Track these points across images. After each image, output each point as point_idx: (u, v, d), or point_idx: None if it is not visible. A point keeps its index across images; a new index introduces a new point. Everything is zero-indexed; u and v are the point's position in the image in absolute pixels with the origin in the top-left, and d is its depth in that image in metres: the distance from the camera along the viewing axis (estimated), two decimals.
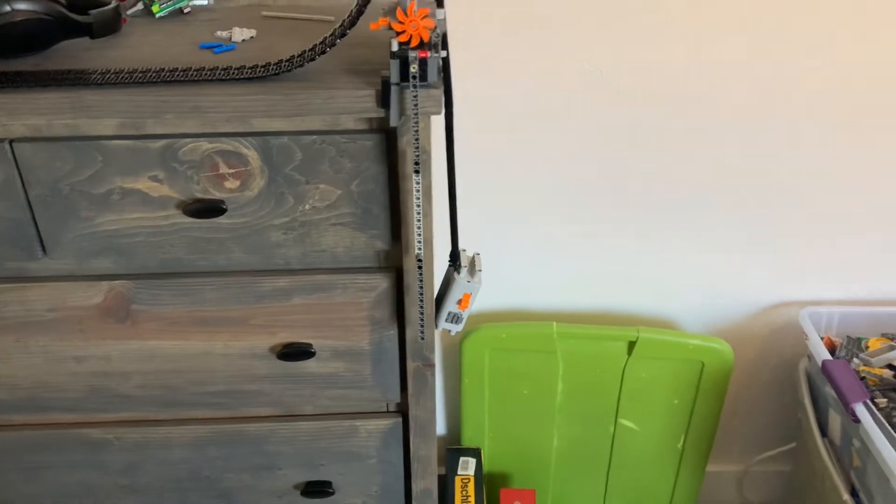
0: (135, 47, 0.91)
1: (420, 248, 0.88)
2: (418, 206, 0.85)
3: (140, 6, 1.02)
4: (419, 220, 0.86)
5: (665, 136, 1.32)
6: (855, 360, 1.35)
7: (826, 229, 1.41)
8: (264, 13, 1.01)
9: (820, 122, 1.31)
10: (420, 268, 0.89)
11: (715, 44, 1.25)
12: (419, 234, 0.87)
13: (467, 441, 1.52)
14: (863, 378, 1.30)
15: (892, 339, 1.39)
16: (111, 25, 0.93)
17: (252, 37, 0.93)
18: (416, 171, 0.83)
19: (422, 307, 0.92)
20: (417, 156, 0.82)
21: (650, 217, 1.40)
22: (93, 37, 0.91)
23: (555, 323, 1.41)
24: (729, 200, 1.38)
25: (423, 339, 0.94)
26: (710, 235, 1.42)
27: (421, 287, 0.90)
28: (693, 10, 1.22)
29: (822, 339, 1.38)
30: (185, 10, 1.02)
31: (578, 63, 1.25)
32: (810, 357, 1.40)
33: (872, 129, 1.32)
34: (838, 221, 1.40)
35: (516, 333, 1.42)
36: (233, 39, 0.92)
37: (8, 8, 0.82)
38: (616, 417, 1.49)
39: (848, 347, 1.38)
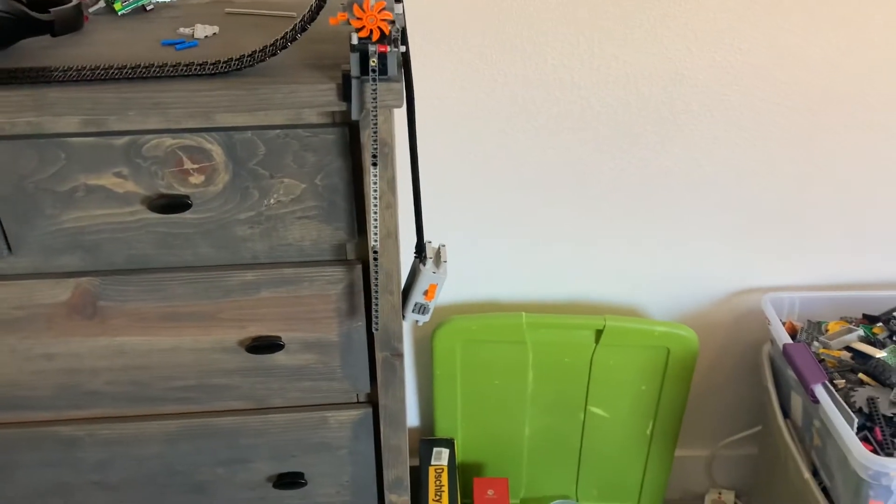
0: (97, 45, 0.92)
1: (376, 240, 0.89)
2: (376, 198, 0.87)
3: (102, 4, 1.03)
4: (376, 212, 0.88)
5: (631, 129, 1.35)
6: (815, 343, 1.39)
7: (788, 218, 1.45)
8: (227, 10, 1.02)
9: (783, 115, 1.34)
10: (375, 259, 0.90)
11: (687, 41, 1.27)
12: (375, 226, 0.89)
13: (440, 432, 1.54)
14: (822, 360, 1.34)
15: (850, 323, 1.43)
16: (73, 23, 0.93)
17: (214, 33, 0.94)
18: (374, 164, 0.85)
19: (377, 298, 0.93)
20: (375, 149, 0.84)
21: (615, 207, 1.42)
22: (54, 35, 0.91)
23: (524, 313, 1.43)
24: (693, 190, 1.41)
25: (376, 329, 0.95)
26: (674, 225, 1.45)
27: (376, 278, 0.91)
28: (655, 8, 1.25)
29: (784, 323, 1.42)
30: (148, 8, 1.03)
31: (544, 57, 1.27)
32: (773, 341, 1.44)
33: (834, 123, 1.35)
34: (800, 210, 1.44)
35: (486, 324, 1.44)
36: (195, 36, 0.93)
37: None
38: (586, 405, 1.52)
39: (808, 331, 1.42)
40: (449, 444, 1.51)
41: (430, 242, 1.01)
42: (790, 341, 1.36)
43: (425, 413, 1.63)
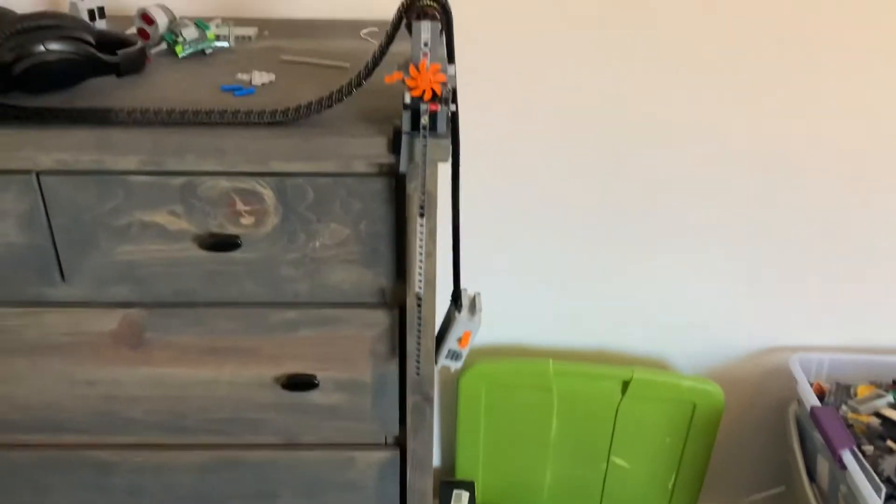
0: (159, 86, 0.96)
1: (420, 287, 0.92)
2: (421, 247, 0.89)
3: (164, 46, 1.07)
4: (421, 261, 0.90)
5: (662, 181, 1.37)
6: (843, 406, 1.39)
7: (818, 276, 1.45)
8: (283, 57, 1.06)
9: (813, 174, 1.36)
10: (419, 306, 0.93)
11: (723, 93, 1.30)
12: (420, 274, 0.91)
13: (461, 474, 1.54)
14: (850, 425, 1.33)
15: (880, 387, 1.42)
16: (137, 65, 0.98)
17: (271, 81, 0.97)
18: (421, 215, 0.87)
19: (419, 343, 0.95)
20: (423, 200, 0.87)
21: (647, 259, 1.44)
22: (119, 75, 0.95)
23: (551, 360, 1.44)
24: (724, 246, 1.42)
25: (418, 374, 0.98)
26: (704, 279, 1.46)
27: (419, 324, 0.94)
28: (687, 59, 1.27)
29: (811, 384, 1.42)
30: (207, 52, 1.07)
31: (574, 103, 1.30)
32: (800, 401, 1.43)
33: (865, 180, 1.36)
34: (831, 268, 1.44)
35: (513, 370, 1.45)
36: (253, 83, 0.97)
37: (42, 48, 0.87)
38: (608, 455, 1.51)
39: (837, 394, 1.42)
40: (469, 486, 1.51)
41: (465, 290, 1.03)
42: (818, 403, 1.35)
43: (446, 454, 1.64)
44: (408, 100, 0.81)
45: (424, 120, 0.81)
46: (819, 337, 1.52)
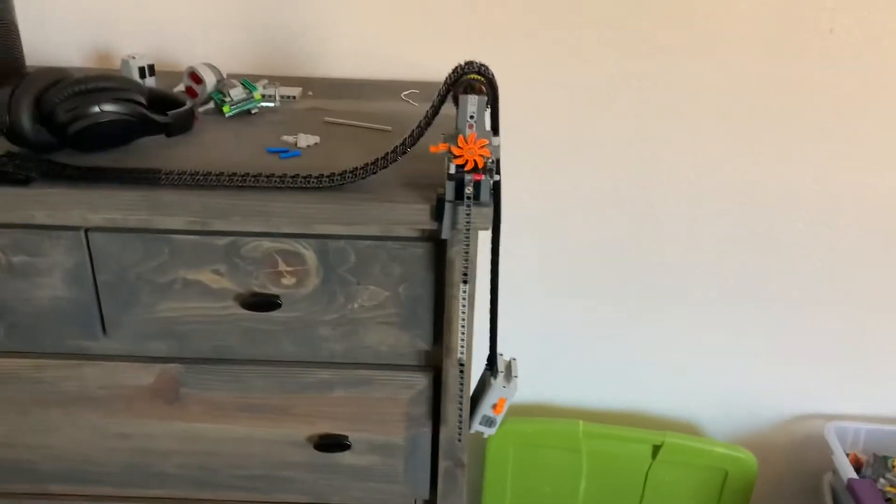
0: (207, 146, 0.98)
1: (462, 353, 0.92)
2: (463, 313, 0.89)
3: (211, 104, 1.10)
4: (464, 326, 0.90)
5: (696, 246, 1.36)
6: (881, 479, 1.35)
7: (854, 343, 1.43)
8: (326, 119, 1.08)
9: (851, 237, 1.35)
10: (461, 371, 0.93)
11: (758, 162, 1.30)
12: (463, 339, 0.91)
13: None
14: (889, 499, 1.30)
15: None
16: (186, 124, 1.00)
17: (316, 143, 0.99)
18: (464, 282, 0.88)
19: (461, 409, 0.95)
20: (466, 267, 0.87)
21: (680, 323, 1.43)
22: (169, 135, 0.98)
23: (581, 422, 1.42)
24: (758, 311, 1.41)
25: (460, 440, 0.97)
26: (739, 344, 1.44)
27: (461, 390, 0.93)
28: (704, 120, 1.28)
29: (847, 455, 1.38)
30: (253, 111, 1.10)
31: (604, 164, 1.31)
32: (835, 472, 1.40)
33: None
34: (868, 336, 1.42)
35: (542, 430, 1.43)
36: (298, 145, 0.98)
37: (97, 109, 0.89)
38: None
39: (874, 466, 1.38)
40: None
41: (501, 355, 1.02)
42: (855, 476, 1.32)
43: None
44: (452, 169, 0.82)
45: (468, 190, 0.82)
46: (854, 405, 1.49)
